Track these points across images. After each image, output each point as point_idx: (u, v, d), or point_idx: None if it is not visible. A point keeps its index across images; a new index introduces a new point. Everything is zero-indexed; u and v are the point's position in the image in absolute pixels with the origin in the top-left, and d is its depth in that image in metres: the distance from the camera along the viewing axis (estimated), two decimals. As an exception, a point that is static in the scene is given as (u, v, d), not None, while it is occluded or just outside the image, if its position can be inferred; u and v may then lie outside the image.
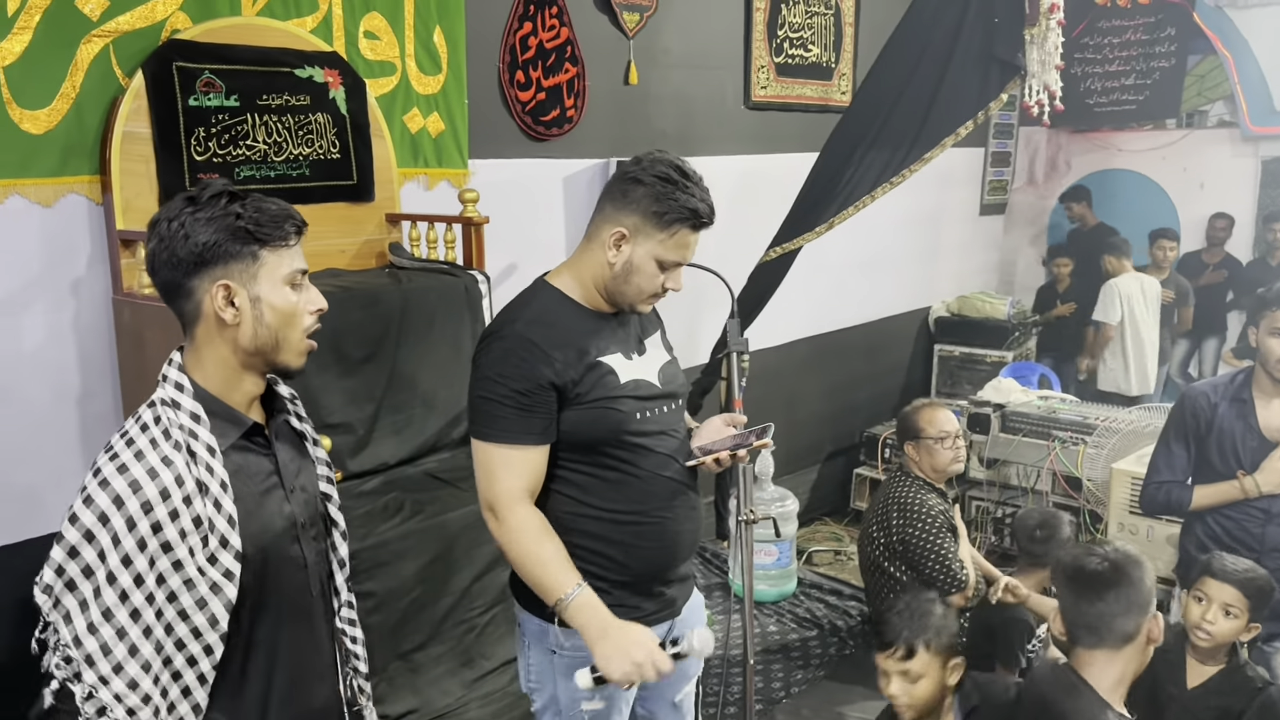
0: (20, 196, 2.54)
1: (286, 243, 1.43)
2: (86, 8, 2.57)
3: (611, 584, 1.94)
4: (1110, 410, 4.71)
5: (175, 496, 1.33)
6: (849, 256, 5.35)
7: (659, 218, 1.84)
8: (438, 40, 3.41)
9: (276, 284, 1.42)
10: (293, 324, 1.45)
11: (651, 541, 1.96)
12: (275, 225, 1.41)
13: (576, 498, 1.92)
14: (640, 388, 1.93)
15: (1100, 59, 6.48)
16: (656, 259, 1.86)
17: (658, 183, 1.84)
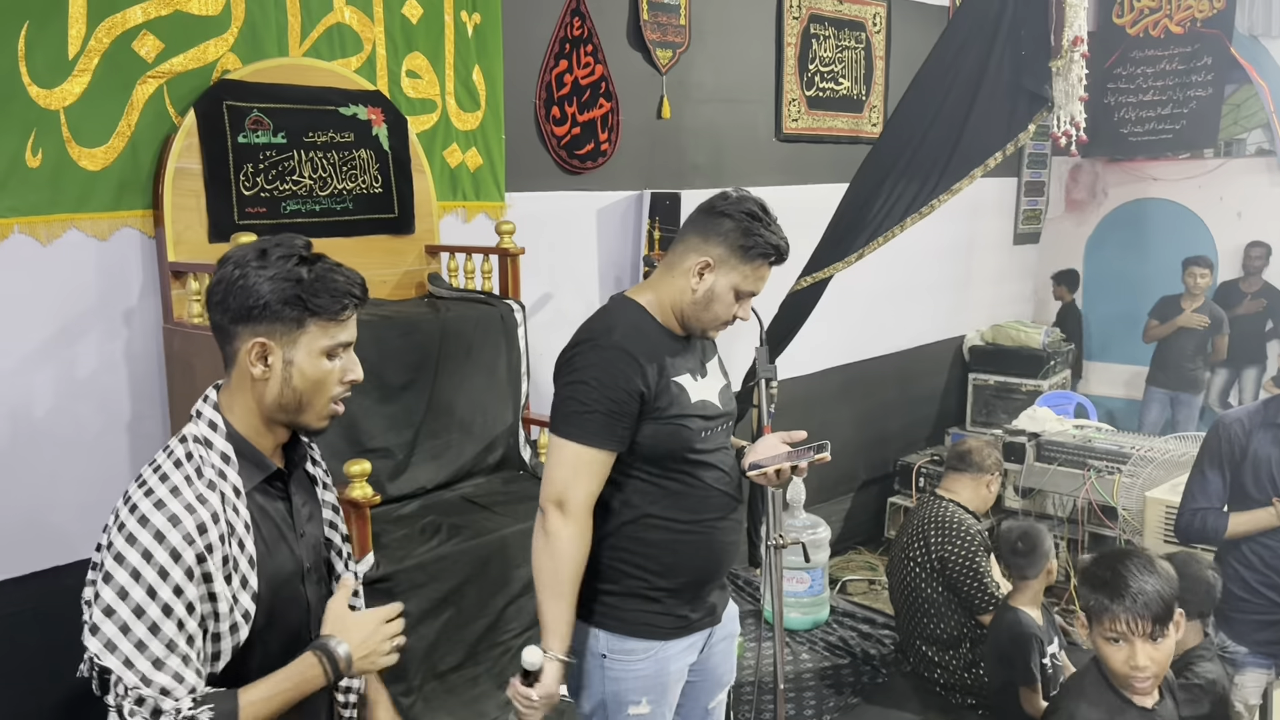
0: (78, 230, 2.65)
1: (337, 318, 1.43)
2: (143, 50, 2.70)
3: (662, 591, 2.04)
4: (1146, 439, 4.69)
5: (211, 532, 1.35)
6: (882, 285, 5.38)
7: (744, 251, 1.96)
8: (477, 78, 3.51)
9: (314, 353, 1.43)
10: (320, 391, 1.45)
11: (702, 551, 2.06)
12: (332, 299, 1.42)
13: (638, 506, 2.02)
14: (705, 408, 2.04)
15: (1134, 89, 6.49)
16: (735, 289, 1.99)
17: (745, 219, 1.96)
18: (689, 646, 2.12)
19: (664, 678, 2.08)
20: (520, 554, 2.76)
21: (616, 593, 2.04)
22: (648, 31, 4.03)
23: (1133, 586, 1.87)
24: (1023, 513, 4.83)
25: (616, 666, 2.03)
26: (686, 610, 2.08)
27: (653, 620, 2.05)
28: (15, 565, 2.64)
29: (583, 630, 2.05)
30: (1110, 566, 1.94)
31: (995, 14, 3.58)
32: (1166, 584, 1.88)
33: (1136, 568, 1.90)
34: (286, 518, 1.51)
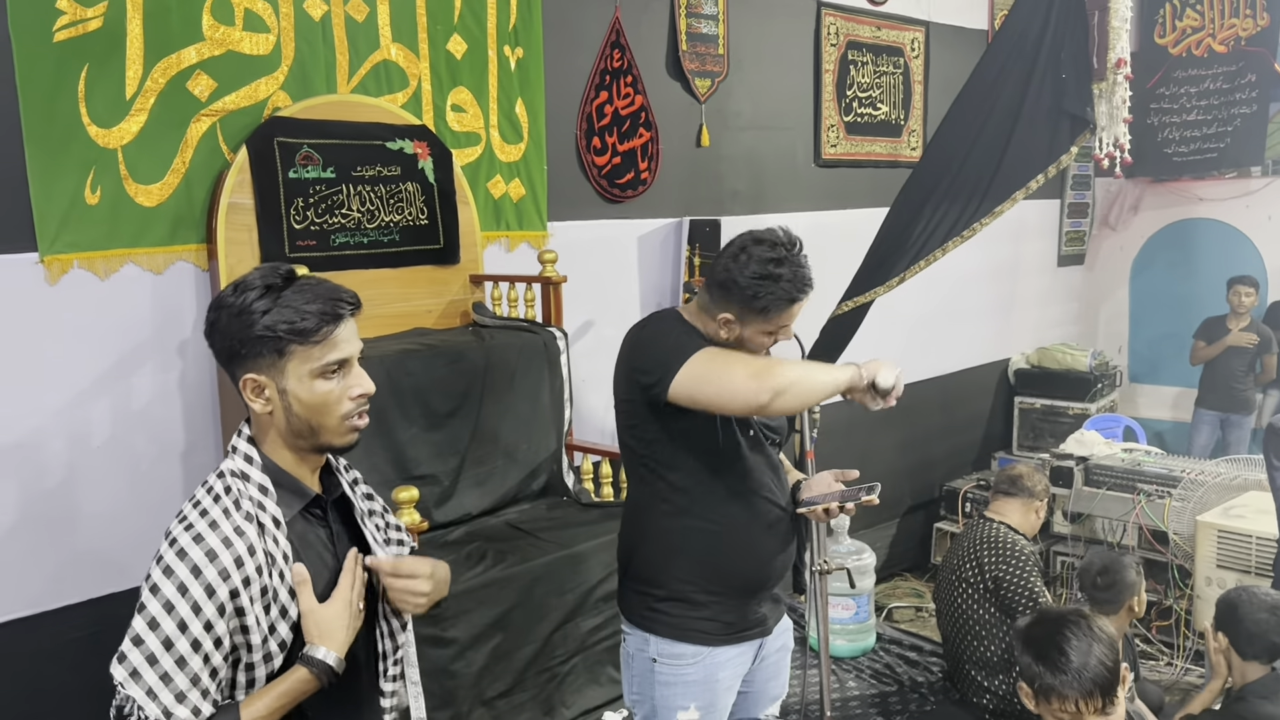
0: (134, 264, 2.73)
1: (314, 339, 1.40)
2: (196, 89, 2.78)
3: (710, 596, 2.10)
4: (1197, 462, 4.61)
5: (248, 565, 1.36)
6: (924, 309, 5.36)
7: (760, 311, 2.02)
8: (519, 111, 3.57)
9: (304, 378, 1.41)
10: (326, 413, 1.43)
11: (749, 559, 2.11)
12: (304, 322, 1.38)
13: (684, 508, 2.09)
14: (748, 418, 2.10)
15: (1177, 109, 6.43)
16: (765, 332, 2.07)
17: (753, 283, 2.00)
18: (739, 655, 2.17)
19: (713, 684, 2.13)
20: (566, 580, 2.78)
21: (665, 598, 2.11)
22: (686, 62, 4.08)
23: (1075, 662, 1.82)
24: (1071, 538, 4.77)
25: (666, 671, 2.10)
26: (734, 618, 2.13)
27: (701, 625, 2.11)
28: (74, 592, 2.70)
29: (638, 637, 2.15)
30: (1051, 637, 1.89)
31: (1036, 36, 3.58)
32: (1108, 650, 1.84)
33: (1077, 638, 1.84)
34: (328, 544, 1.51)
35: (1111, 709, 1.82)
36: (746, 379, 1.93)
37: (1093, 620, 1.90)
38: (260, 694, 1.39)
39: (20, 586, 2.62)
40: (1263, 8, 6.11)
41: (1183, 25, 6.41)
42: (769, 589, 2.20)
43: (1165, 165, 6.49)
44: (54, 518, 2.66)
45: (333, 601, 1.45)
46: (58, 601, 2.69)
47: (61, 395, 2.65)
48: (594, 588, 2.81)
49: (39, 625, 2.66)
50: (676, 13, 4.02)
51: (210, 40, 2.79)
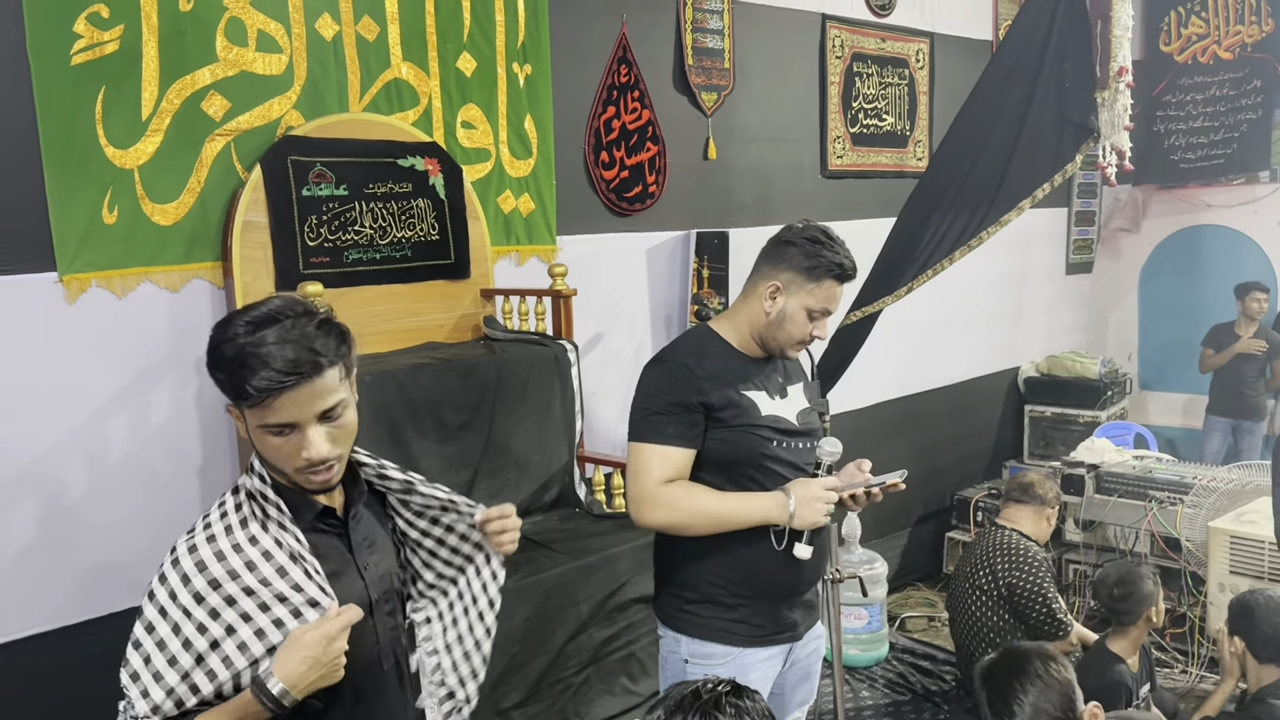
0: (151, 283, 2.77)
1: (250, 404, 1.38)
2: (211, 110, 2.83)
3: (739, 599, 2.15)
4: (1208, 469, 4.61)
5: (246, 577, 1.40)
6: (933, 318, 5.37)
7: (810, 272, 2.13)
8: (528, 127, 3.61)
9: (254, 430, 1.41)
10: (282, 463, 1.43)
11: (778, 564, 2.14)
12: (242, 384, 1.36)
13: None
14: (779, 422, 2.17)
15: (1184, 115, 6.45)
16: (807, 309, 2.14)
17: (807, 244, 2.14)
18: (769, 658, 2.22)
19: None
20: (578, 591, 2.80)
21: (696, 600, 2.18)
22: (693, 76, 4.11)
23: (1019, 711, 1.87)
24: (1084, 545, 4.77)
25: (698, 671, 2.13)
26: (764, 620, 2.19)
27: (731, 627, 2.17)
28: (94, 607, 2.73)
29: (671, 638, 2.21)
30: (1006, 682, 1.95)
31: (1039, 46, 3.61)
32: (1059, 698, 1.87)
33: (1028, 688, 1.90)
34: (346, 554, 1.53)
35: None
36: (642, 491, 2.09)
37: (1052, 664, 1.94)
38: (213, 711, 1.39)
39: (41, 602, 2.65)
40: (1268, 14, 6.13)
41: (1188, 32, 6.44)
42: (800, 594, 2.24)
43: (1172, 172, 6.50)
44: (73, 533, 2.70)
45: (310, 629, 1.41)
46: (78, 616, 2.71)
47: (80, 412, 2.69)
48: (607, 598, 2.83)
49: (60, 640, 2.69)
50: (682, 28, 4.06)
51: (224, 61, 2.83)
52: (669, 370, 2.15)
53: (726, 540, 2.13)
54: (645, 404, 2.13)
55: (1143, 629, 2.90)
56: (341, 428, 1.45)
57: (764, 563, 2.14)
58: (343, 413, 1.44)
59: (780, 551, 2.12)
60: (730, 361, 2.18)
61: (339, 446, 1.45)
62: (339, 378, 1.43)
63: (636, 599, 2.89)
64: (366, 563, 1.57)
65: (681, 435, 2.09)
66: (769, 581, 2.17)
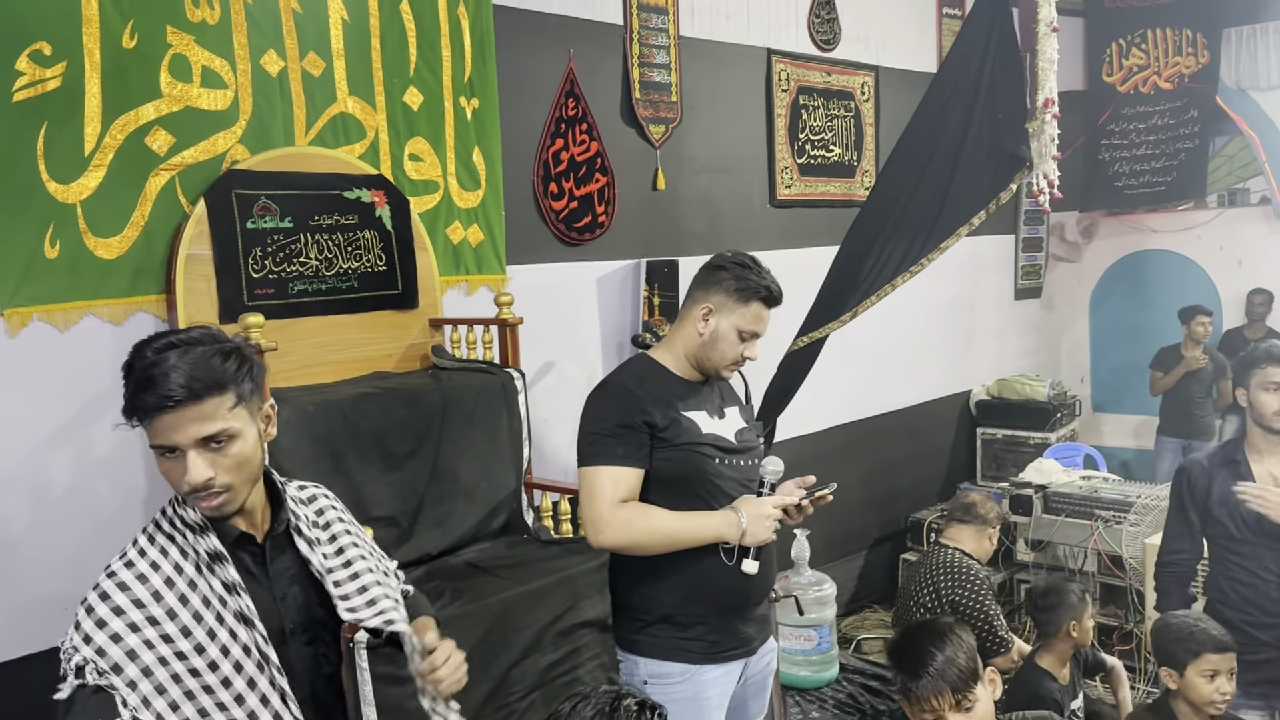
0: (94, 316, 2.79)
1: (144, 422, 1.42)
2: (155, 145, 2.86)
3: (692, 617, 2.21)
4: (1151, 487, 4.71)
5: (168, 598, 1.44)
6: (884, 343, 5.47)
7: (739, 294, 2.24)
8: (477, 159, 3.67)
9: (153, 451, 1.45)
10: (173, 485, 1.46)
11: (727, 580, 2.20)
12: (131, 401, 1.41)
13: None
14: (719, 441, 2.26)
15: (1127, 144, 6.63)
16: (738, 329, 2.25)
17: (737, 268, 2.26)
18: (724, 674, 2.27)
19: (703, 703, 2.23)
20: (524, 616, 2.82)
21: (651, 620, 2.24)
22: (640, 109, 4.20)
23: (931, 665, 1.94)
24: (1033, 565, 4.85)
25: (656, 691, 2.18)
26: (719, 637, 2.25)
27: (686, 645, 2.22)
28: (38, 640, 2.72)
29: (630, 661, 2.27)
30: (909, 644, 2.04)
31: (973, 78, 3.71)
32: (962, 650, 1.95)
33: (930, 642, 1.97)
34: (264, 580, 1.55)
35: (970, 706, 1.94)
36: (597, 513, 2.15)
37: (957, 628, 2.02)
38: None
39: (-18, 636, 2.64)
40: (1204, 46, 6.33)
41: (1129, 63, 6.63)
42: (751, 608, 2.29)
43: (1116, 198, 6.68)
44: (17, 566, 2.69)
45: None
46: (19, 651, 2.70)
47: (23, 445, 2.69)
48: (552, 623, 2.85)
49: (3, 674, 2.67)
50: (629, 63, 4.15)
51: (168, 97, 2.87)
52: (613, 395, 2.23)
53: (678, 560, 2.18)
54: (592, 428, 2.21)
55: (1067, 643, 2.96)
56: (227, 456, 1.45)
57: (715, 579, 2.20)
58: (227, 441, 1.45)
59: (729, 567, 2.18)
60: (670, 384, 2.28)
61: (225, 475, 1.45)
62: (228, 406, 1.45)
63: (583, 623, 2.91)
64: (284, 593, 1.58)
65: (630, 455, 2.17)
66: (721, 598, 2.23)
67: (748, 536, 2.14)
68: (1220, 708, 2.49)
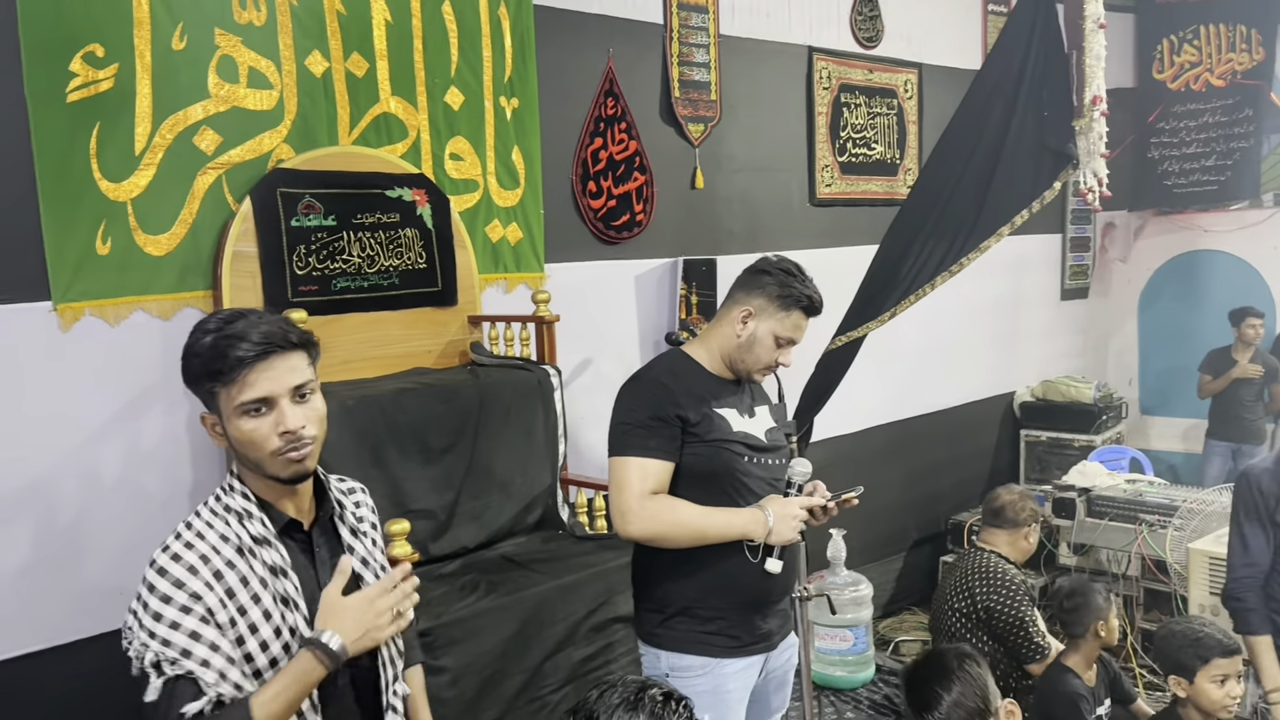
0: (143, 311, 2.86)
1: (232, 379, 1.47)
2: (203, 144, 2.93)
3: (713, 611, 2.23)
4: (1197, 491, 4.63)
5: (230, 576, 1.48)
6: (926, 343, 5.43)
7: (781, 301, 2.25)
8: (516, 158, 3.71)
9: (232, 416, 1.49)
10: (257, 448, 1.50)
11: (750, 575, 2.20)
12: (214, 364, 1.47)
13: None
14: (749, 439, 2.27)
15: (1177, 142, 6.51)
16: (775, 335, 2.26)
17: (782, 274, 2.27)
18: (746, 667, 2.28)
19: (724, 695, 2.24)
20: (557, 610, 2.85)
21: (672, 613, 2.25)
22: (679, 108, 4.21)
23: (938, 710, 1.95)
24: (1076, 569, 4.78)
25: (678, 684, 2.18)
26: (740, 632, 2.26)
27: (708, 639, 2.24)
28: (87, 626, 2.80)
29: (651, 654, 2.29)
30: (918, 681, 2.04)
31: (1016, 75, 3.68)
32: (972, 691, 1.93)
33: (938, 682, 1.98)
34: (310, 568, 1.61)
35: None
36: (625, 504, 2.16)
37: (968, 662, 2.00)
38: (269, 681, 1.47)
39: (34, 622, 2.72)
40: (1259, 42, 6.19)
41: (1180, 60, 6.51)
42: (773, 604, 2.30)
43: (1166, 197, 6.55)
44: (67, 555, 2.78)
45: (354, 595, 1.53)
46: (71, 636, 2.79)
47: (74, 437, 2.78)
48: (585, 618, 2.88)
49: (53, 659, 2.76)
50: (669, 62, 4.17)
51: (216, 97, 2.94)
52: (645, 386, 2.25)
53: (700, 555, 2.20)
54: (624, 419, 2.22)
55: (1093, 644, 2.92)
56: (313, 409, 1.54)
57: (738, 575, 2.21)
58: (312, 395, 1.54)
59: (753, 565, 2.19)
60: (702, 381, 2.29)
61: (312, 427, 1.53)
62: (307, 362, 1.54)
63: (616, 618, 2.94)
64: (325, 577, 1.61)
65: (661, 448, 2.18)
66: (742, 594, 2.24)
67: (773, 535, 2.15)
68: (1231, 712, 2.45)
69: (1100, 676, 2.96)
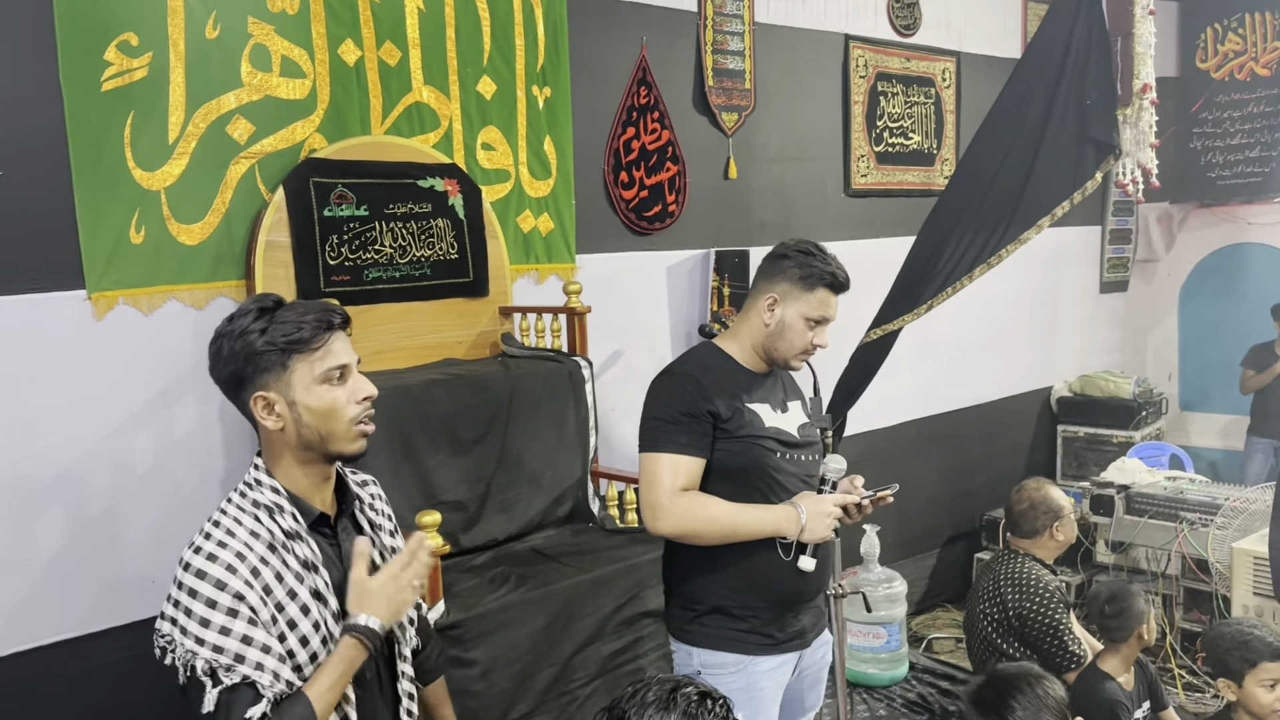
0: (176, 300, 2.87)
1: (312, 346, 1.51)
2: (235, 133, 2.92)
3: (747, 609, 2.20)
4: (1239, 489, 4.53)
5: (265, 573, 1.48)
6: (962, 337, 5.35)
7: (804, 281, 2.21)
8: (548, 148, 3.68)
9: (309, 386, 1.51)
10: (334, 418, 1.53)
11: (783, 573, 2.18)
12: (296, 333, 1.50)
13: None
14: (781, 434, 2.24)
15: (1221, 133, 6.37)
16: (804, 316, 2.22)
17: (800, 255, 2.23)
18: (779, 665, 2.26)
19: (757, 693, 2.22)
20: (587, 604, 2.83)
21: (704, 610, 2.22)
22: (713, 97, 4.16)
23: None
24: (1113, 568, 4.70)
25: (710, 681, 2.14)
26: (773, 630, 2.23)
27: (741, 637, 2.21)
28: (118, 614, 2.82)
29: (683, 651, 2.26)
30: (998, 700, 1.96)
31: (1058, 63, 3.59)
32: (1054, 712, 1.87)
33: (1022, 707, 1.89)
34: (336, 560, 1.60)
35: None
36: (656, 500, 2.13)
37: (1042, 683, 1.93)
38: (318, 674, 1.50)
39: (67, 609, 2.74)
40: (1307, 30, 6.05)
41: (1224, 49, 6.36)
42: (805, 602, 2.28)
43: (1210, 189, 6.42)
44: (99, 543, 2.79)
45: (377, 575, 1.57)
46: (102, 624, 2.80)
47: (107, 425, 2.79)
48: (615, 612, 2.86)
49: (85, 646, 2.77)
50: (703, 50, 4.12)
51: (249, 86, 2.93)
52: (677, 382, 2.22)
53: (733, 551, 2.17)
54: (656, 414, 2.20)
55: (1134, 647, 2.86)
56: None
57: (770, 573, 2.19)
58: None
59: (786, 563, 2.16)
60: (735, 375, 2.26)
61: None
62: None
63: (646, 613, 2.91)
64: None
65: (693, 444, 2.15)
66: (775, 591, 2.21)
67: (806, 533, 2.12)
68: None
69: (1139, 678, 2.90)
